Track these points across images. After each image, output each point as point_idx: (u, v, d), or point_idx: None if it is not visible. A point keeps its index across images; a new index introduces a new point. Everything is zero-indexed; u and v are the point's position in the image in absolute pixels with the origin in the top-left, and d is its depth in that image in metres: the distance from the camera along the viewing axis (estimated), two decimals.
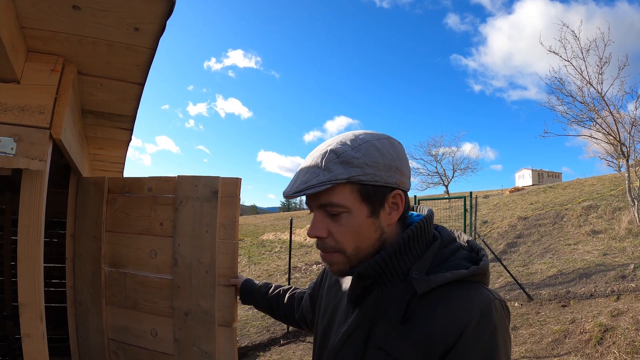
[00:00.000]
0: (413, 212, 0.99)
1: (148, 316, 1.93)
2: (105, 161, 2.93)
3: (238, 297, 1.79)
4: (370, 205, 0.83)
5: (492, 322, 0.75)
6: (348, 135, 0.85)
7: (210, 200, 1.82)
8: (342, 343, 0.89)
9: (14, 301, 3.12)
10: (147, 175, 2.03)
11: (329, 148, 0.82)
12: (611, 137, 9.66)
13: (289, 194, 0.82)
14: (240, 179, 1.84)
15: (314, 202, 0.85)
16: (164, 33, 1.11)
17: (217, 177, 1.82)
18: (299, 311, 1.38)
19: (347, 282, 1.01)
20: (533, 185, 44.83)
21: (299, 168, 0.86)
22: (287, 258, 7.23)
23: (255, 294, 1.61)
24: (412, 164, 33.31)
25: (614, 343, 4.22)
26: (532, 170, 58.46)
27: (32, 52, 1.29)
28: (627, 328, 4.32)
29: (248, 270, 12.56)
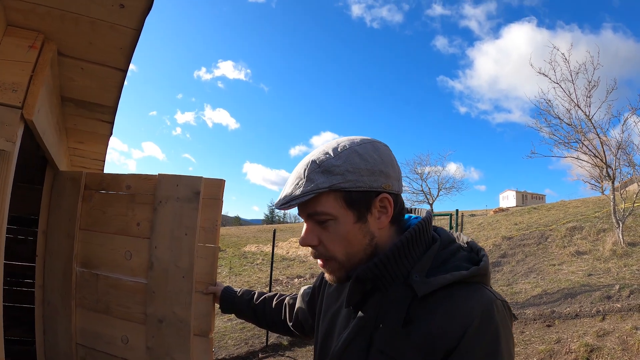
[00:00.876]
0: (411, 214, 0.98)
1: (120, 322, 1.83)
2: (85, 157, 2.82)
3: (217, 306, 1.72)
4: (356, 211, 0.83)
5: (494, 322, 0.74)
6: (331, 144, 0.87)
7: (191, 201, 1.74)
8: (344, 348, 0.89)
9: None
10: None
11: (311, 159, 0.84)
12: (597, 159, 9.78)
13: (276, 207, 0.85)
14: (224, 180, 1.77)
15: (302, 212, 0.87)
16: (150, 13, 1.07)
17: (200, 178, 1.75)
18: (294, 319, 1.35)
19: (347, 286, 0.98)
20: (517, 206, 45.44)
21: (286, 181, 0.88)
22: (269, 270, 7.11)
23: (237, 303, 1.55)
24: None
25: None
26: (517, 192, 59.37)
27: (11, 26, 1.22)
28: (613, 348, 4.29)
29: (229, 281, 12.39)
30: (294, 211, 0.91)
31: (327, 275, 0.91)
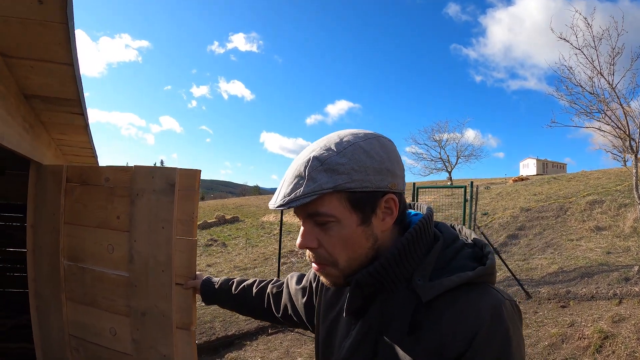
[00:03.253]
0: (411, 210, 0.93)
1: (107, 314, 1.83)
2: (73, 146, 2.82)
3: (198, 297, 1.69)
4: (360, 213, 0.78)
5: (504, 324, 0.71)
6: (333, 138, 0.79)
7: (166, 193, 1.68)
8: (348, 357, 0.85)
9: None
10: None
11: (311, 155, 0.77)
12: (620, 130, 9.29)
13: (273, 208, 0.77)
14: (200, 170, 1.71)
15: (301, 212, 0.80)
16: (73, 5, 1.05)
17: (174, 169, 1.68)
18: (282, 311, 1.31)
19: (347, 289, 0.92)
20: (537, 175, 44.50)
21: (283, 178, 0.80)
22: (285, 241, 7.10)
23: (217, 294, 1.52)
24: (416, 149, 33.22)
25: (613, 352, 4.02)
26: (537, 160, 57.84)
27: None
28: (628, 337, 4.13)
29: (245, 253, 12.47)
30: None
31: (323, 279, 0.85)
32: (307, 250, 0.83)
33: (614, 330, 4.34)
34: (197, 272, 1.70)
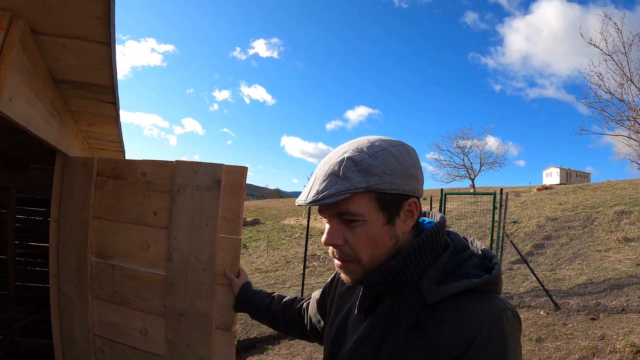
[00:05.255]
0: (425, 217, 1.01)
1: (138, 313, 1.83)
2: (100, 139, 2.82)
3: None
4: (387, 214, 0.84)
5: (503, 333, 0.75)
6: (363, 142, 0.86)
7: (211, 189, 1.69)
8: (352, 351, 0.91)
9: (17, 281, 3.04)
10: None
11: (345, 155, 0.83)
12: None
13: (305, 204, 0.82)
14: (247, 167, 1.72)
15: (330, 210, 0.86)
16: None
17: (221, 165, 1.71)
18: (309, 323, 1.35)
19: (359, 288, 1.00)
20: (561, 184, 44.07)
21: (314, 176, 0.86)
22: (305, 244, 6.99)
23: (255, 305, 1.53)
24: (437, 155, 33.04)
25: None
26: (561, 169, 57.90)
27: None
28: None
29: (266, 256, 12.49)
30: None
31: (344, 276, 0.91)
32: (331, 247, 0.89)
33: None
34: (242, 271, 1.71)
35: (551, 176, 58.60)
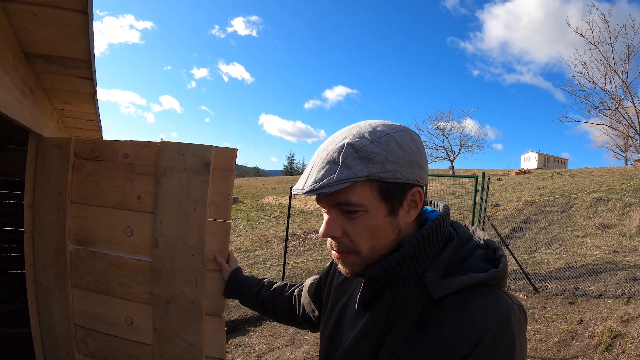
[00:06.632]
0: (427, 207, 0.97)
1: (122, 302, 1.76)
2: (76, 117, 2.67)
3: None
4: (389, 204, 0.80)
5: (511, 329, 0.73)
6: (364, 127, 0.81)
7: (200, 172, 1.62)
8: (352, 348, 0.88)
9: None
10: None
11: (345, 141, 0.78)
12: (632, 129, 9.28)
13: (302, 193, 0.77)
14: (236, 149, 1.66)
15: (329, 200, 0.81)
16: None
17: (210, 146, 1.63)
18: (301, 312, 1.33)
19: (357, 280, 0.99)
20: (538, 168, 44.85)
21: (311, 163, 0.82)
22: (286, 224, 6.94)
23: (244, 292, 1.52)
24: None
25: (623, 352, 4.14)
26: (539, 154, 59.32)
27: None
28: (637, 337, 4.27)
29: (246, 235, 12.39)
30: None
31: (341, 268, 0.87)
32: (329, 238, 0.85)
33: (624, 330, 4.48)
34: (232, 256, 1.66)
35: (529, 160, 60.36)
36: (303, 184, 0.79)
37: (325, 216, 0.84)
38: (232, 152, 1.64)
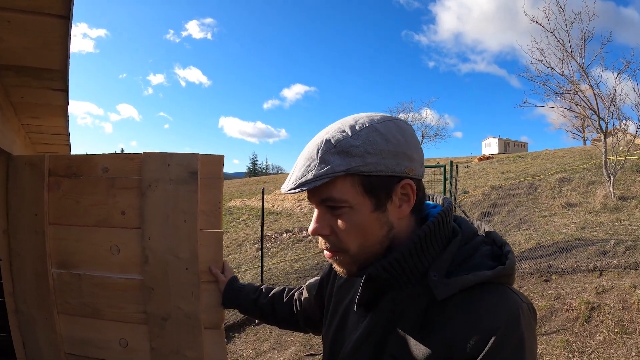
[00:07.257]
0: (429, 202, 0.93)
1: (114, 324, 1.68)
2: (44, 132, 2.51)
3: None
4: (374, 198, 0.78)
5: (520, 329, 0.70)
6: (348, 121, 0.80)
7: (187, 182, 1.56)
8: (354, 351, 0.86)
9: None
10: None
11: (325, 137, 0.77)
12: (590, 111, 9.79)
13: (286, 191, 0.77)
14: (223, 156, 1.61)
15: (314, 197, 0.81)
16: None
17: (195, 155, 1.57)
18: (303, 315, 1.31)
19: (359, 280, 0.94)
20: (500, 153, 46.43)
21: (296, 162, 0.81)
22: (256, 226, 6.92)
23: (242, 301, 1.48)
24: None
25: (602, 322, 4.35)
26: (499, 139, 61.31)
27: None
28: (613, 307, 4.50)
29: None
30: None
31: (337, 269, 0.85)
32: (320, 237, 0.83)
33: (600, 302, 4.68)
34: (227, 266, 1.62)
35: (490, 146, 62.48)
36: (287, 182, 0.78)
37: (315, 213, 0.83)
38: (219, 159, 1.59)
